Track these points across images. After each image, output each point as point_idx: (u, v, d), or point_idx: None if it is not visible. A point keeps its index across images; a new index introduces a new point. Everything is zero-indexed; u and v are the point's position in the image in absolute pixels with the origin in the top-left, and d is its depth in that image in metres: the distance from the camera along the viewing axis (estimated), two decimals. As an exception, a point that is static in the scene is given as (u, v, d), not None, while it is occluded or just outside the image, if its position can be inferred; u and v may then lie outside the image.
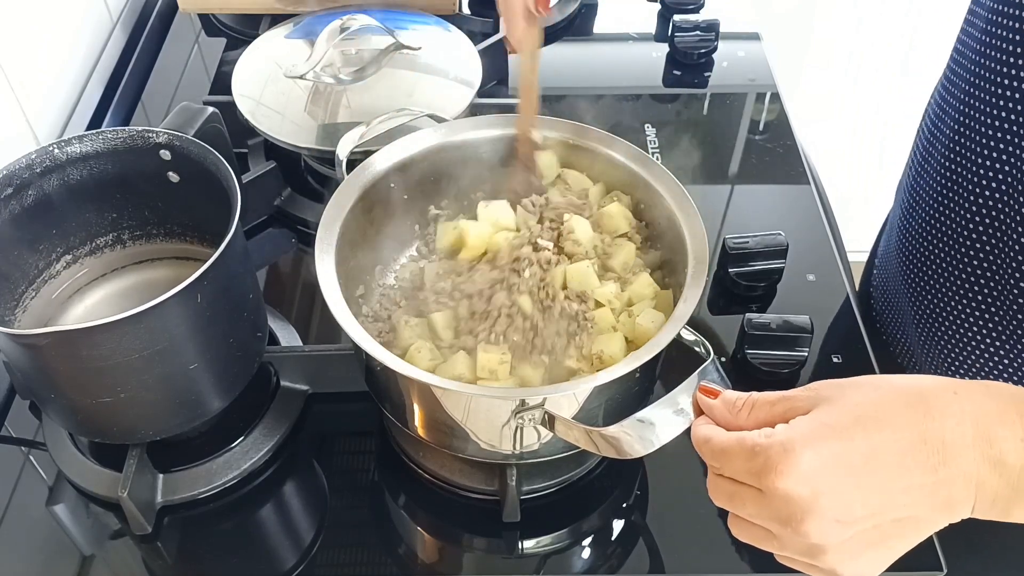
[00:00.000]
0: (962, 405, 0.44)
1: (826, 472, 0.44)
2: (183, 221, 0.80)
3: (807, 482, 0.44)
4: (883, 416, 0.44)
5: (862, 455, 0.44)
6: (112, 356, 0.62)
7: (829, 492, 0.44)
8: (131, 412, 0.67)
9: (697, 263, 0.67)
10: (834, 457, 0.44)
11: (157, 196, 0.77)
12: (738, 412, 0.49)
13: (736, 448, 0.47)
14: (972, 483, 0.44)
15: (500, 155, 0.79)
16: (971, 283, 0.73)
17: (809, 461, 0.44)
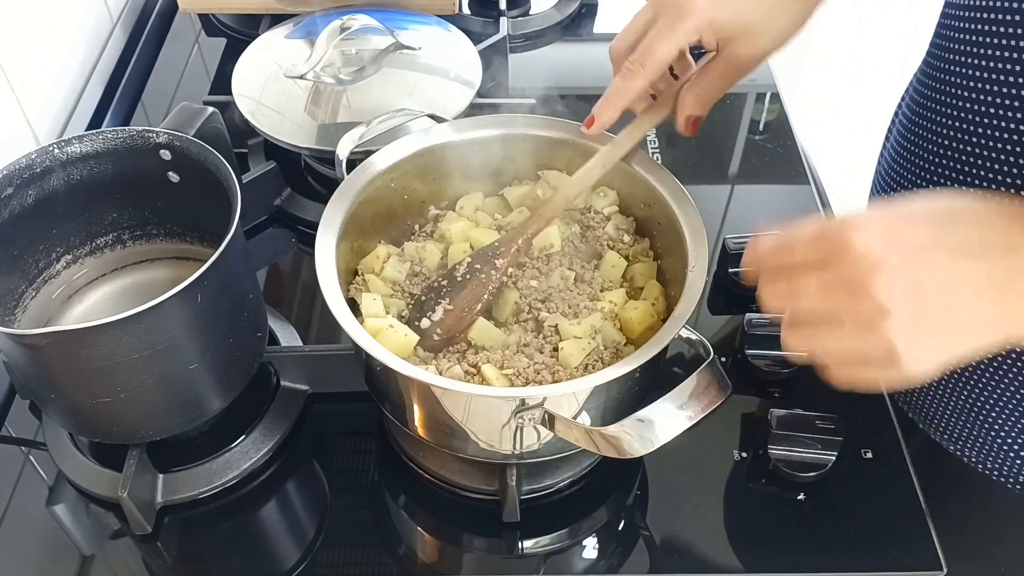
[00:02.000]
0: None
1: (896, 239, 0.44)
2: (183, 221, 0.80)
3: (879, 239, 0.44)
4: (952, 214, 0.46)
5: (931, 235, 0.45)
6: (112, 356, 0.62)
7: (900, 255, 0.44)
8: (131, 412, 0.67)
9: (697, 263, 0.67)
10: (902, 231, 0.45)
11: (157, 196, 0.77)
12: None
13: (802, 234, 0.48)
14: None
15: (500, 155, 0.80)
16: None
17: (880, 225, 0.45)
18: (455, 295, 0.72)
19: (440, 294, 0.72)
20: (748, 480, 0.74)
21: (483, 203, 0.81)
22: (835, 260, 0.46)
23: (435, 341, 0.70)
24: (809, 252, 0.48)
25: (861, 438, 0.76)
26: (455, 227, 0.77)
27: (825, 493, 0.73)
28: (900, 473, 0.74)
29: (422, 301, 0.73)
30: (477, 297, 0.71)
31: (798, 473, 0.72)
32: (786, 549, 0.70)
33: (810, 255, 0.47)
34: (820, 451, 0.72)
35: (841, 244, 0.46)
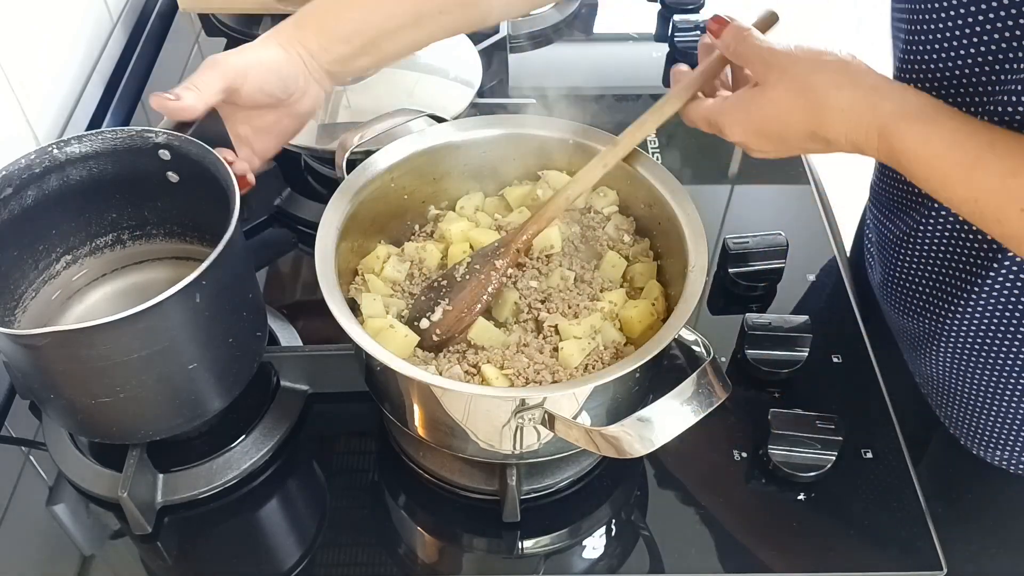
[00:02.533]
0: (841, 108, 0.60)
1: (751, 138, 0.65)
2: (183, 221, 0.80)
3: (741, 141, 0.66)
4: (790, 119, 0.62)
5: (777, 137, 0.64)
6: (111, 356, 0.62)
7: (759, 149, 0.66)
8: (131, 412, 0.67)
9: (697, 263, 0.67)
10: (757, 134, 0.65)
11: (157, 196, 0.77)
12: (729, 53, 0.67)
13: (700, 120, 0.68)
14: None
15: (500, 155, 0.80)
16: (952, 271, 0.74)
17: (740, 133, 0.65)
18: (454, 295, 0.72)
19: (440, 294, 0.72)
20: (748, 480, 0.74)
21: (483, 203, 0.81)
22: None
23: (434, 341, 0.70)
24: (705, 127, 0.69)
25: (861, 438, 0.76)
26: (455, 227, 0.77)
27: (825, 493, 0.73)
28: (900, 473, 0.74)
29: (421, 301, 0.73)
30: (476, 297, 0.71)
31: (798, 473, 0.72)
32: (786, 549, 0.70)
33: (705, 127, 0.69)
34: (820, 451, 0.72)
35: (722, 134, 0.67)
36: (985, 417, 0.77)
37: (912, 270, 0.77)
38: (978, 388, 0.76)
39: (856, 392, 0.81)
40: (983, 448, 0.79)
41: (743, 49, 0.66)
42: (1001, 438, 0.77)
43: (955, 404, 0.79)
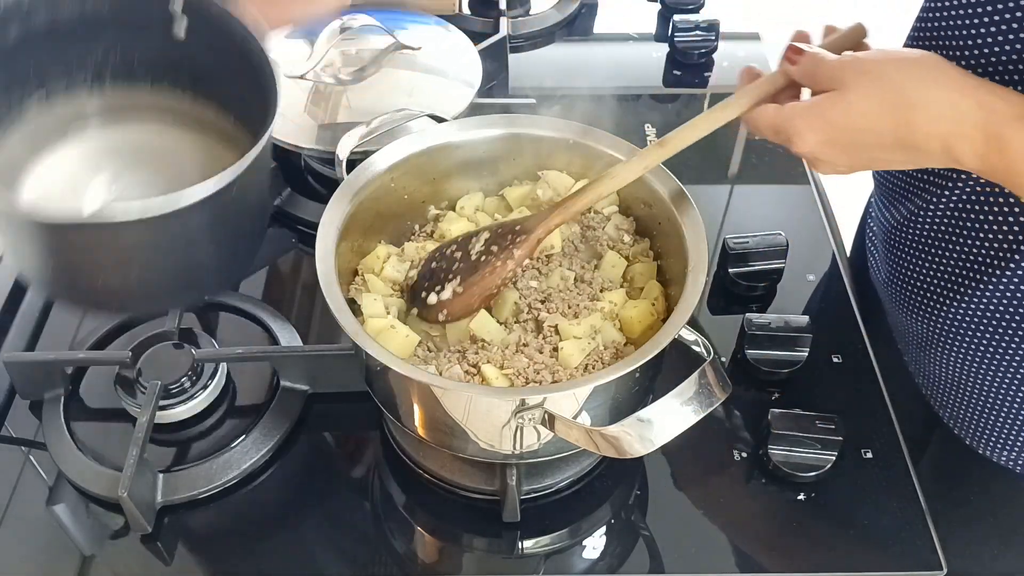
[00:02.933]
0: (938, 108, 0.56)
1: (824, 149, 0.60)
2: (179, 71, 0.70)
3: (811, 152, 0.61)
4: (871, 125, 0.58)
5: (854, 147, 0.59)
6: (122, 245, 0.59)
7: (829, 161, 0.61)
8: (135, 289, 0.65)
9: (697, 263, 0.67)
10: (831, 144, 0.60)
11: (154, 39, 0.68)
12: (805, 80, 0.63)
13: (765, 127, 0.63)
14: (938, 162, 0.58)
15: (500, 155, 0.80)
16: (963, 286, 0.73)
17: (812, 143, 0.60)
18: (466, 277, 0.70)
19: (451, 268, 0.71)
20: (748, 480, 0.74)
21: (483, 203, 0.81)
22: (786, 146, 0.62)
23: (435, 318, 0.70)
24: (771, 137, 0.63)
25: (861, 438, 0.76)
26: (455, 227, 0.77)
27: (825, 493, 0.73)
28: (900, 473, 0.74)
29: (432, 269, 0.72)
30: (489, 286, 0.70)
31: (798, 473, 0.72)
32: (786, 549, 0.70)
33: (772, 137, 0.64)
34: (820, 451, 0.72)
35: (788, 145, 0.61)
36: (993, 417, 0.76)
37: (918, 259, 0.77)
38: (986, 387, 0.75)
39: (856, 392, 0.81)
40: (990, 448, 0.79)
41: (819, 69, 0.60)
42: (1010, 438, 0.77)
43: (961, 403, 0.79)
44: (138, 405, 0.75)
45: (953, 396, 0.80)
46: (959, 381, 0.78)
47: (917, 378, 0.84)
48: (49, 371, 0.78)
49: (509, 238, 0.71)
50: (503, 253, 0.71)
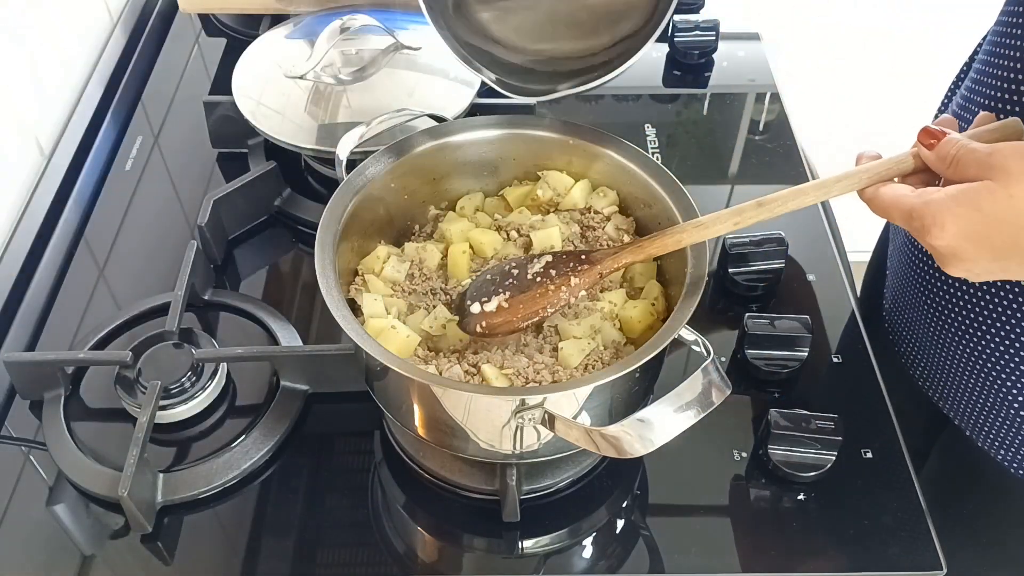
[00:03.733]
0: None
1: (966, 244, 0.53)
2: None
3: (948, 246, 0.54)
4: None
5: (1007, 246, 0.52)
6: None
7: (968, 259, 0.54)
8: None
9: (697, 263, 0.67)
10: (979, 240, 0.53)
11: None
12: (946, 168, 0.56)
13: (895, 208, 0.57)
14: None
15: (500, 155, 0.80)
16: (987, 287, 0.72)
17: (953, 235, 0.53)
18: (516, 293, 0.69)
19: (504, 284, 0.70)
20: (748, 480, 0.74)
21: (483, 203, 0.81)
22: (919, 239, 0.56)
23: (475, 331, 0.68)
24: (902, 223, 0.57)
25: (861, 438, 0.76)
26: (455, 227, 0.77)
27: (825, 493, 0.73)
28: (900, 473, 0.74)
29: (485, 281, 0.71)
30: (535, 309, 0.69)
31: (798, 473, 0.72)
32: (786, 549, 0.70)
33: (903, 225, 0.57)
34: (820, 451, 0.72)
35: (923, 237, 0.55)
36: (994, 414, 0.76)
37: None
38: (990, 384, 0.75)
39: (856, 392, 0.81)
40: (989, 443, 0.79)
41: (968, 156, 0.54)
42: (1008, 437, 0.77)
43: (965, 399, 0.79)
44: (138, 405, 0.75)
45: (958, 391, 0.79)
46: (967, 377, 0.77)
47: (914, 370, 0.84)
48: (49, 371, 0.78)
49: (571, 265, 0.69)
50: (560, 278, 0.69)
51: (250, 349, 0.80)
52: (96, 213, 0.98)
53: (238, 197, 0.93)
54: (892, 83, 1.76)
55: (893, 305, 0.88)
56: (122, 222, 0.97)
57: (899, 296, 0.86)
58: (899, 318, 0.86)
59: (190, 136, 1.06)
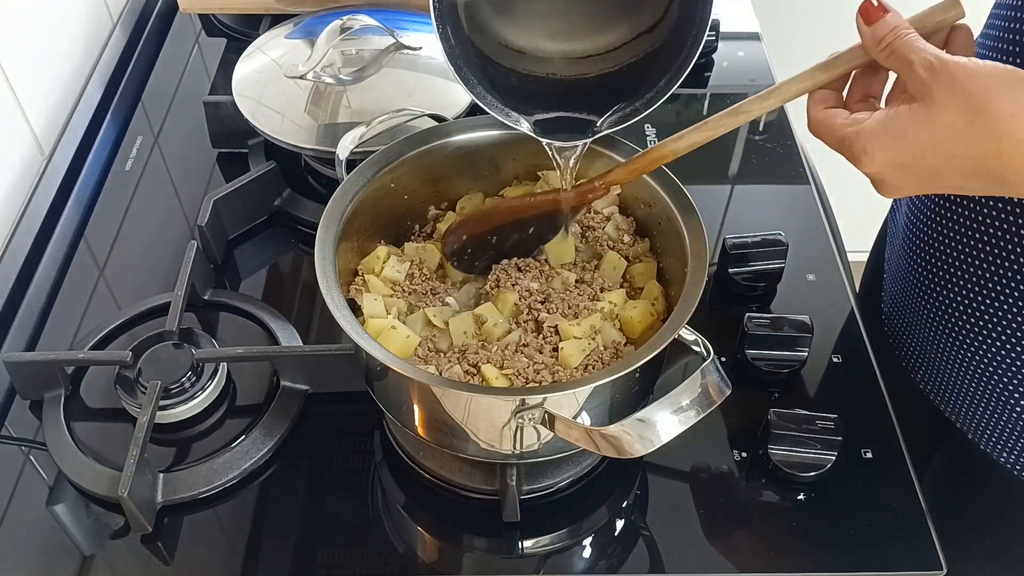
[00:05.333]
0: None
1: (894, 172, 0.55)
2: None
3: (878, 174, 0.56)
4: (955, 149, 0.52)
5: (930, 173, 0.54)
6: None
7: (897, 186, 0.56)
8: None
9: (697, 263, 0.67)
10: (904, 167, 0.54)
11: None
12: (878, 51, 0.56)
13: (829, 137, 0.58)
14: None
15: (500, 155, 0.80)
16: (987, 279, 0.72)
17: (881, 163, 0.55)
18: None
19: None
20: (748, 480, 0.74)
21: (483, 203, 0.81)
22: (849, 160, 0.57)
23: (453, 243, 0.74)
24: (834, 146, 0.58)
25: (861, 438, 0.76)
26: (455, 227, 0.77)
27: (825, 493, 0.73)
28: (900, 473, 0.74)
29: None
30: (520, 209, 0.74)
31: (798, 473, 0.72)
32: (786, 549, 0.70)
33: (835, 147, 0.58)
34: (820, 451, 0.72)
35: (854, 162, 0.56)
36: (996, 416, 0.76)
37: (947, 244, 0.75)
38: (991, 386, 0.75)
39: (856, 392, 0.81)
40: (990, 446, 0.79)
41: (902, 49, 0.53)
42: (1011, 439, 0.77)
43: (966, 400, 0.79)
44: (138, 405, 0.75)
45: (960, 395, 0.79)
46: (969, 380, 0.77)
47: (915, 374, 0.84)
48: (49, 371, 0.78)
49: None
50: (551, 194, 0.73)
51: (250, 349, 0.80)
52: (96, 213, 0.98)
53: (238, 197, 0.93)
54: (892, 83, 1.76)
55: (892, 309, 0.88)
56: (122, 222, 0.97)
57: (898, 300, 0.86)
58: (899, 322, 0.86)
59: (190, 136, 1.06)
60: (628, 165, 0.71)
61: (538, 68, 0.69)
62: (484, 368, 0.67)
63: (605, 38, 0.68)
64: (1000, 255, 0.70)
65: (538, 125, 0.69)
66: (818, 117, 0.59)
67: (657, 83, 0.66)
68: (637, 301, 0.72)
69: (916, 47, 0.53)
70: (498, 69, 0.68)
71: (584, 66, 0.69)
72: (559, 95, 0.70)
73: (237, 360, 0.81)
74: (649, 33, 0.67)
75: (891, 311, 0.88)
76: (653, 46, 0.67)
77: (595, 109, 0.69)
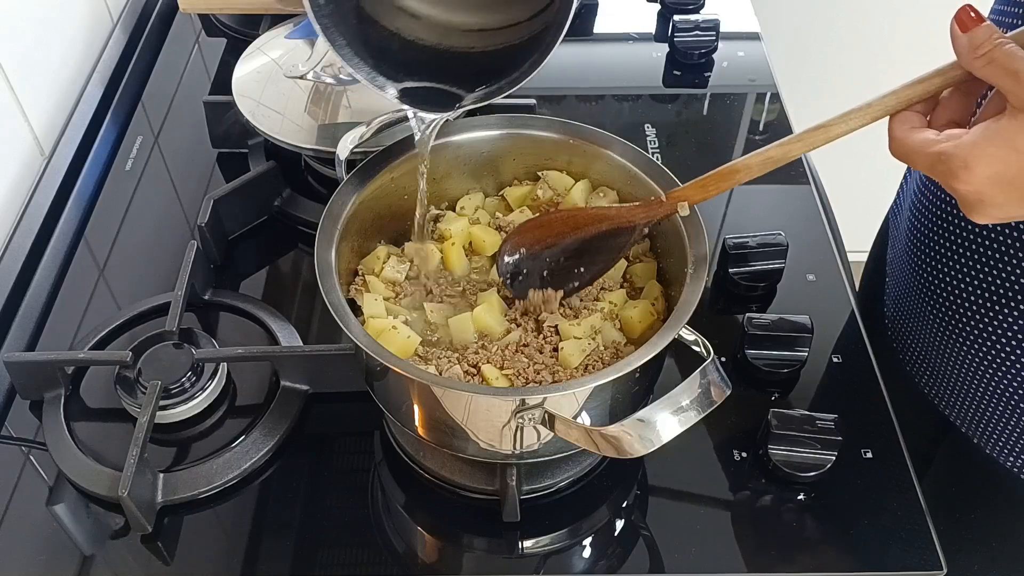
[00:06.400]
0: None
1: (996, 189, 0.50)
2: None
3: (977, 192, 0.51)
4: None
5: None
6: None
7: (996, 204, 0.51)
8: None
9: (697, 263, 0.67)
10: (1010, 182, 0.50)
11: None
12: (975, 59, 0.51)
13: (920, 154, 0.53)
14: None
15: (500, 155, 0.80)
16: (989, 282, 0.72)
17: (983, 178, 0.50)
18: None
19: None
20: (748, 480, 0.74)
21: (483, 203, 0.81)
22: (946, 187, 0.53)
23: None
24: (926, 169, 0.54)
25: (861, 438, 0.76)
26: (455, 227, 0.77)
27: (825, 493, 0.73)
28: (900, 473, 0.74)
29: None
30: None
31: (798, 473, 0.72)
32: (786, 549, 0.70)
33: (927, 172, 0.54)
34: (820, 451, 0.72)
35: (950, 183, 0.52)
36: (996, 417, 0.76)
37: (951, 247, 0.75)
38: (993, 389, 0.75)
39: (856, 392, 0.81)
40: (991, 447, 0.79)
41: (1003, 59, 0.50)
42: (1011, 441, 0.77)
43: (969, 403, 0.79)
44: (138, 405, 0.75)
45: (961, 395, 0.79)
46: (973, 384, 0.77)
47: (919, 378, 0.84)
48: (49, 371, 0.78)
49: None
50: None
51: (250, 349, 0.80)
52: (96, 213, 0.98)
53: (238, 197, 0.93)
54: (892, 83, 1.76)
55: (895, 311, 0.88)
56: (122, 222, 0.97)
57: (901, 302, 0.86)
58: (902, 324, 0.86)
59: (190, 136, 1.06)
60: (697, 182, 0.69)
61: (429, 35, 0.68)
62: (484, 368, 0.67)
63: (503, 14, 0.68)
64: (1005, 258, 0.70)
65: (405, 93, 0.68)
66: (904, 136, 0.55)
67: (522, 66, 0.66)
68: (637, 301, 0.72)
69: (1022, 56, 0.50)
70: (381, 32, 0.67)
71: (474, 39, 0.69)
72: (434, 66, 0.69)
73: (237, 360, 0.81)
74: (541, 14, 0.66)
75: (894, 314, 0.88)
76: (539, 29, 0.66)
77: (464, 84, 0.69)
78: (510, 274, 0.73)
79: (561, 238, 0.72)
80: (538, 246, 0.73)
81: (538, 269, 0.72)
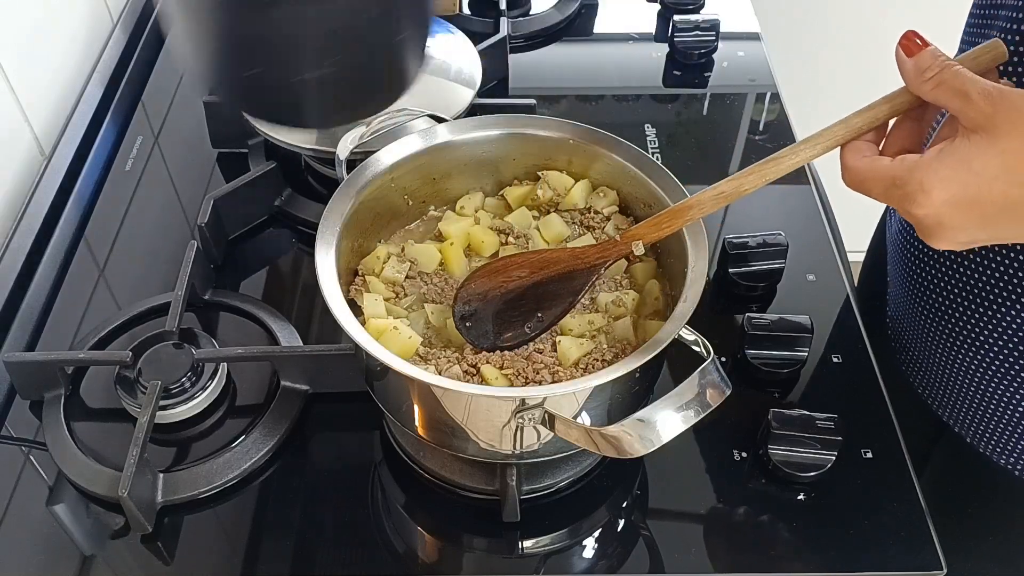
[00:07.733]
0: None
1: (954, 212, 0.49)
2: None
3: (935, 215, 0.50)
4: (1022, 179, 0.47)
5: (996, 208, 0.48)
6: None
7: (955, 228, 0.50)
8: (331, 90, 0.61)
9: (697, 263, 0.67)
10: (968, 204, 0.49)
11: None
12: (923, 83, 0.51)
13: (874, 181, 0.52)
14: None
15: (500, 155, 0.80)
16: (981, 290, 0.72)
17: (940, 202, 0.49)
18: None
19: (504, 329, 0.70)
20: (748, 480, 0.74)
21: (483, 203, 0.81)
22: (902, 213, 0.52)
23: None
24: (882, 196, 0.53)
25: (861, 438, 0.76)
26: (455, 227, 0.77)
27: (825, 493, 0.73)
28: (900, 473, 0.74)
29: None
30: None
31: (798, 473, 0.72)
32: (786, 549, 0.70)
33: (882, 198, 0.53)
34: (820, 451, 0.72)
35: (907, 208, 0.51)
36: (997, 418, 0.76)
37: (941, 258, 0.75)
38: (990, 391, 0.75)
39: (856, 392, 0.81)
40: (990, 448, 0.79)
41: (953, 80, 0.49)
42: (1011, 441, 0.77)
43: (963, 405, 0.79)
44: (138, 405, 0.75)
45: (956, 398, 0.79)
46: (964, 384, 0.77)
47: (915, 379, 0.84)
48: (49, 371, 0.78)
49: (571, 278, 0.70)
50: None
51: (250, 349, 0.80)
52: (96, 213, 0.98)
53: (238, 197, 0.93)
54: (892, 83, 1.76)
55: (896, 313, 0.88)
56: (122, 222, 0.97)
57: (900, 305, 0.86)
58: (901, 327, 0.86)
59: (190, 136, 1.06)
60: (651, 221, 0.68)
61: None
62: (484, 368, 0.67)
63: None
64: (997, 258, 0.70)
65: None
66: (857, 165, 0.54)
67: None
68: (639, 304, 0.72)
69: (970, 77, 0.49)
70: None
71: None
72: None
73: (237, 360, 0.81)
74: None
75: (895, 315, 0.88)
76: None
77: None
78: (467, 324, 0.70)
79: (516, 283, 0.71)
80: (494, 292, 0.71)
81: (493, 316, 0.70)
